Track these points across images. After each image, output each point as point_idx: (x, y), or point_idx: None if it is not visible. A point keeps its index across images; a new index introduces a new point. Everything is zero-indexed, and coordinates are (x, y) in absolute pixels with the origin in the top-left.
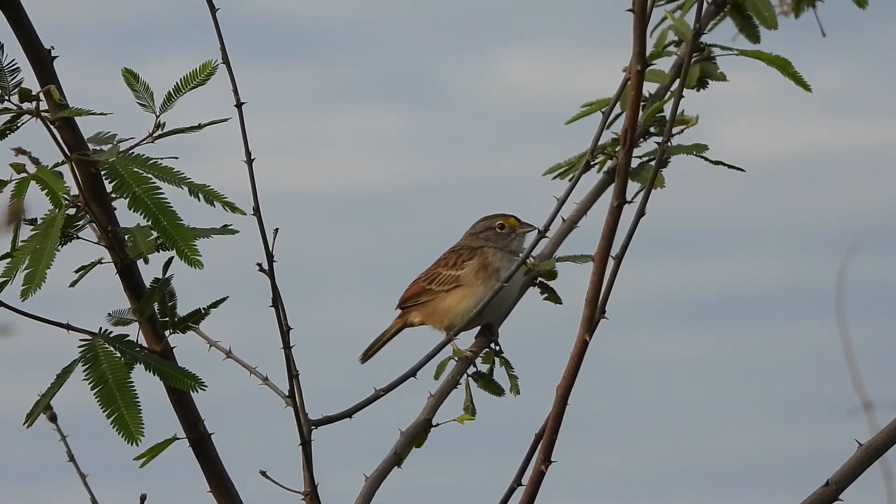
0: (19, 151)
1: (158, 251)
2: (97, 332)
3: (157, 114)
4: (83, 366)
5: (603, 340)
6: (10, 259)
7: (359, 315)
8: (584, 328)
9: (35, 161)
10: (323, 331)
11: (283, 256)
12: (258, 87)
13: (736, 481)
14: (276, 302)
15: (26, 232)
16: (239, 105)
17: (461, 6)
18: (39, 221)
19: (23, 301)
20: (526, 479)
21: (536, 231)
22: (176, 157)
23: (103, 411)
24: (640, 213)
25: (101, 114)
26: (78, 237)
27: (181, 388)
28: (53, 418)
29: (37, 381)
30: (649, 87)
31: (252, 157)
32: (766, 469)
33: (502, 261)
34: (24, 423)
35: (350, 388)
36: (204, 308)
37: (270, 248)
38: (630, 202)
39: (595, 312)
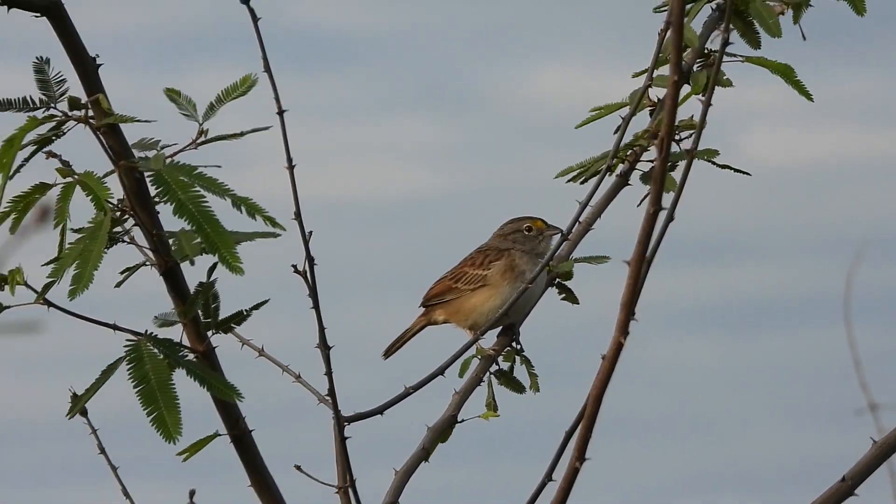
0: (50, 155)
1: (201, 254)
2: (143, 333)
3: (200, 122)
4: (127, 365)
5: (628, 342)
6: (57, 261)
7: (391, 317)
8: (619, 331)
9: (65, 164)
10: (354, 332)
11: (319, 261)
12: (297, 96)
13: (757, 480)
14: (315, 303)
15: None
16: (280, 113)
17: (496, 19)
18: (86, 225)
19: (70, 301)
20: (556, 475)
21: (560, 233)
22: (219, 166)
23: (144, 410)
24: (670, 218)
25: (145, 121)
26: (123, 241)
27: (222, 398)
28: (84, 412)
29: (71, 379)
30: (657, 93)
31: (293, 164)
32: (786, 468)
33: (528, 263)
34: (66, 415)
35: (379, 388)
36: (246, 310)
37: (310, 253)
38: (664, 209)
39: (629, 315)
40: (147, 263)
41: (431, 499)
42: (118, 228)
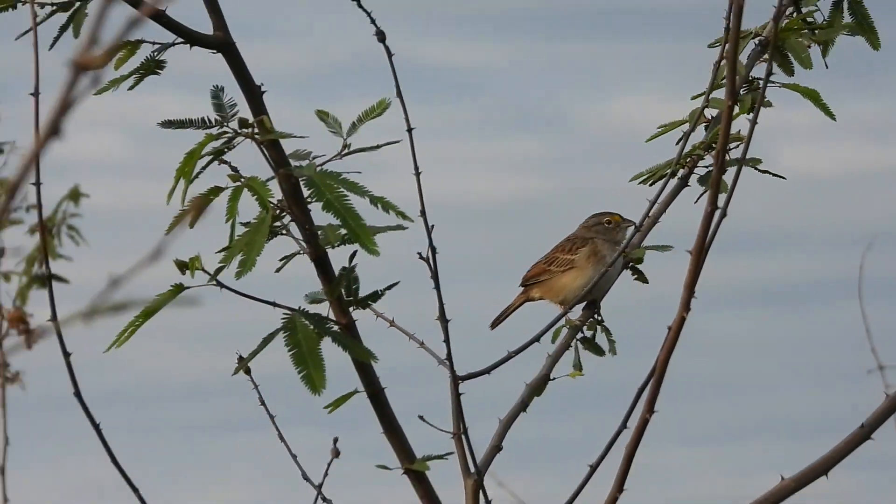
0: (223, 163)
1: (345, 244)
2: (296, 308)
3: (344, 137)
4: (284, 333)
5: (689, 316)
6: (227, 250)
7: (496, 295)
8: (682, 307)
9: (235, 171)
10: (467, 308)
11: (439, 250)
12: (422, 117)
13: (790, 428)
14: (437, 284)
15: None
16: (409, 130)
17: (582, 57)
18: (251, 220)
19: (236, 281)
20: (630, 424)
21: (634, 226)
22: (359, 172)
23: (296, 370)
24: (723, 214)
25: (299, 136)
26: (282, 233)
27: (361, 359)
28: (248, 371)
29: (237, 346)
30: (711, 112)
31: (419, 171)
32: (813, 418)
33: (608, 250)
34: (232, 374)
35: (487, 352)
36: (380, 290)
37: (432, 242)
38: (719, 208)
39: (690, 294)
40: (301, 252)
41: (529, 442)
42: (277, 223)
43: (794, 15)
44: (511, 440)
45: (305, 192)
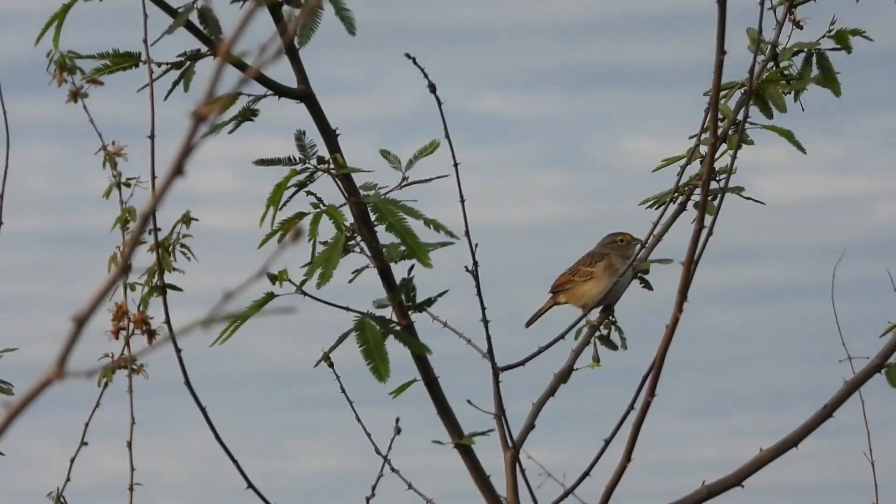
0: (307, 193)
1: (404, 259)
2: (365, 312)
3: (403, 171)
4: (355, 332)
5: (682, 316)
6: (310, 264)
7: (530, 300)
8: (676, 308)
9: (317, 199)
10: (505, 311)
11: (481, 264)
12: (468, 156)
13: (768, 403)
14: (479, 291)
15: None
16: (455, 165)
17: (601, 105)
18: (329, 241)
19: (317, 290)
20: (636, 405)
21: (641, 243)
22: (415, 200)
23: (365, 362)
24: (709, 232)
25: (367, 171)
26: (353, 251)
27: (419, 353)
28: (330, 363)
29: (320, 343)
30: (704, 148)
31: (464, 199)
32: (786, 395)
33: (620, 263)
34: (314, 366)
35: (522, 347)
36: (433, 297)
37: (475, 257)
38: (705, 227)
39: (683, 297)
40: (369, 266)
41: (557, 420)
42: (350, 242)
43: (773, 68)
44: (543, 417)
45: (372, 217)
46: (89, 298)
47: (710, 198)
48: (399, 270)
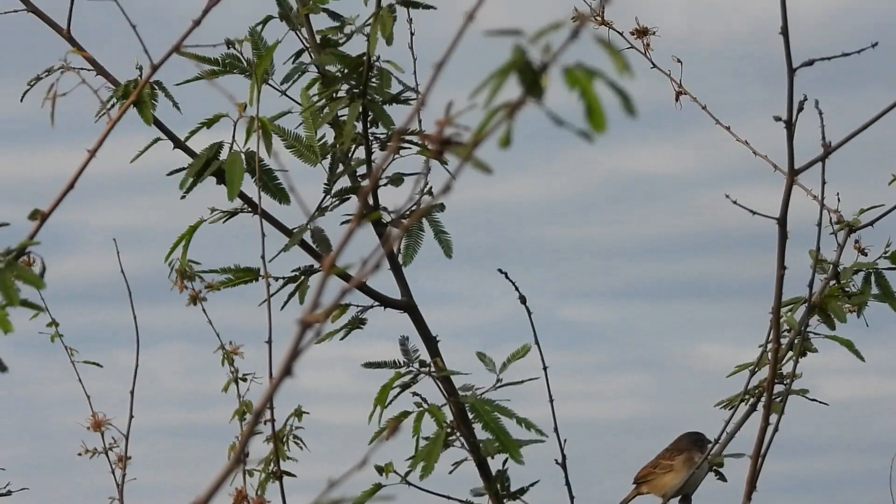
0: (413, 392)
1: (499, 454)
2: (464, 500)
3: (497, 373)
4: None
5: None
6: (413, 457)
7: (613, 493)
8: (745, 498)
9: (421, 399)
10: (591, 502)
11: (569, 457)
12: (557, 360)
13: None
14: (567, 481)
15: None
16: (545, 367)
17: (679, 313)
18: (431, 436)
19: (420, 480)
20: None
21: (713, 442)
22: (509, 400)
23: None
24: (775, 429)
25: (464, 373)
26: (454, 445)
27: None
28: None
29: None
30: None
31: (552, 399)
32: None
33: (697, 457)
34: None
35: None
36: (525, 486)
37: (563, 450)
38: (771, 424)
39: (752, 488)
40: (467, 459)
41: None
42: (451, 437)
43: (835, 285)
44: None
45: (470, 415)
46: (209, 484)
47: (776, 399)
48: (495, 462)
